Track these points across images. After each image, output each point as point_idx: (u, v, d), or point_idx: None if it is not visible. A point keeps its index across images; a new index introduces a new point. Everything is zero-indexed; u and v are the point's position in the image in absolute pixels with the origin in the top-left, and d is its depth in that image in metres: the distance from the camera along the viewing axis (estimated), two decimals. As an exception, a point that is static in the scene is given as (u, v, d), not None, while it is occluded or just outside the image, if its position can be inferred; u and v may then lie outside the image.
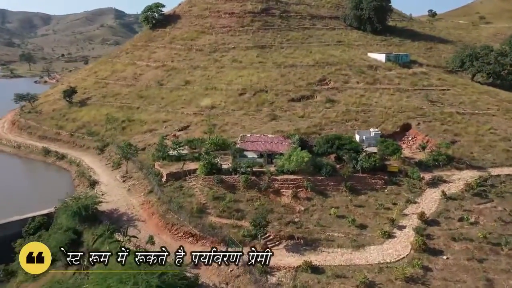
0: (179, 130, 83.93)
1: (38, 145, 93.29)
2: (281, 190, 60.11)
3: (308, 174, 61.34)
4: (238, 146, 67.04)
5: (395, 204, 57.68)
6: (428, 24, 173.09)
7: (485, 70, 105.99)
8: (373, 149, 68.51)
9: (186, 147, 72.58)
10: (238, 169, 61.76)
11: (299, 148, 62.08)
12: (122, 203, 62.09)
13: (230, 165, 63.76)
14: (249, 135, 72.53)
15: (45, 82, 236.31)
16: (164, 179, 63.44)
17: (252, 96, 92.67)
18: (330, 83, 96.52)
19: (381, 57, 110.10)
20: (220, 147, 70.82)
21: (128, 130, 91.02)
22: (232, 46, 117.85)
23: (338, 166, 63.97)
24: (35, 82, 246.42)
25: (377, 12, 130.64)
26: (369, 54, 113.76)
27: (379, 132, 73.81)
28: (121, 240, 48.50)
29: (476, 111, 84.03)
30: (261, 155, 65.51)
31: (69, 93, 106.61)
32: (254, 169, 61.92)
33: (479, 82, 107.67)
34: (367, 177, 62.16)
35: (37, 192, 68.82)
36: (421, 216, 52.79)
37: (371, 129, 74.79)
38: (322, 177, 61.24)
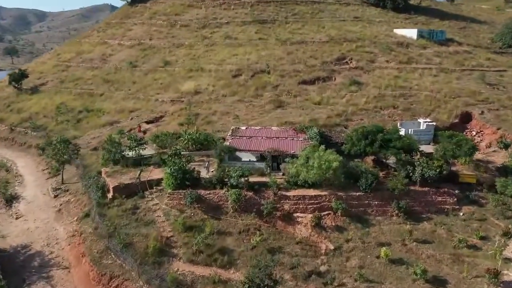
0: (149, 122, 61.13)
1: (-33, 143, 70.35)
2: (295, 215, 37.31)
3: (337, 188, 38.66)
4: (228, 143, 44.31)
5: (483, 238, 34.94)
6: (452, 6, 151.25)
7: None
8: (427, 148, 45.97)
9: (154, 145, 49.92)
10: (226, 180, 39.07)
11: (322, 147, 39.21)
12: (41, 234, 39.31)
13: (213, 172, 41.06)
14: (244, 127, 49.82)
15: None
16: (110, 195, 40.59)
17: (249, 78, 69.98)
18: (351, 62, 73.94)
19: (412, 33, 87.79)
20: (202, 145, 48.24)
21: (85, 123, 68.25)
22: (226, 21, 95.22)
23: (381, 174, 41.26)
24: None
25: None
26: (396, 31, 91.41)
27: (433, 123, 51.12)
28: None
29: (556, 96, 61.41)
30: (262, 158, 42.84)
31: (17, 77, 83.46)
32: (251, 180, 39.20)
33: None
34: (429, 192, 39.46)
35: None
36: (546, 266, 30.04)
37: (421, 119, 52.12)
38: (360, 193, 38.51)
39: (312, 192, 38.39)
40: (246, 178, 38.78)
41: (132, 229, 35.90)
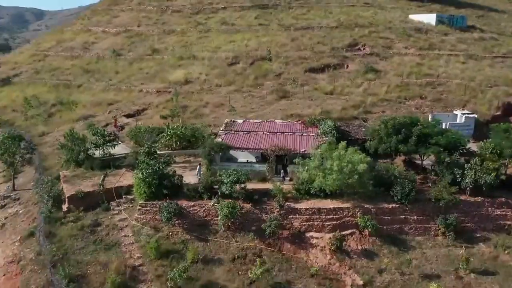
0: (129, 116, 51.78)
1: None
2: (308, 235, 27.91)
3: (363, 199, 29.28)
4: (220, 140, 34.89)
5: None
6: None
7: None
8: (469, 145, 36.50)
9: (132, 143, 40.63)
10: (216, 187, 29.66)
11: (343, 144, 29.77)
12: (-29, 258, 29.78)
13: (201, 177, 31.58)
14: (241, 121, 40.46)
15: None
16: (65, 207, 31.18)
17: (248, 66, 60.74)
18: (364, 48, 64.73)
19: (430, 18, 78.72)
20: (189, 143, 38.92)
21: (57, 117, 58.93)
22: (222, 6, 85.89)
23: (418, 178, 31.85)
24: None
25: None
26: (411, 16, 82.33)
27: (474, 115, 41.82)
28: None
29: None
30: (263, 158, 33.53)
31: (-15, 67, 74.19)
32: (249, 187, 29.79)
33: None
34: (483, 203, 30.03)
35: None
36: None
37: (457, 111, 42.89)
38: (394, 205, 29.08)
39: (330, 203, 28.98)
40: (242, 185, 29.38)
41: (87, 255, 26.50)
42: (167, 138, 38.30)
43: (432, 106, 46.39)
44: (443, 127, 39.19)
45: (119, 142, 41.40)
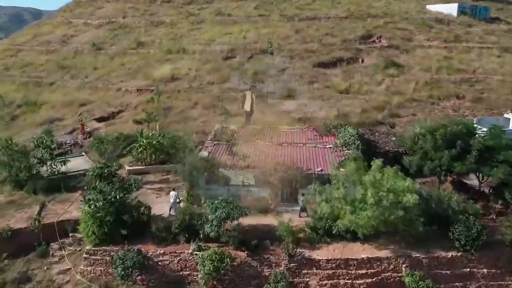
0: (101, 119, 42.90)
1: None
2: (332, 300, 19.03)
3: (408, 243, 20.32)
4: (207, 154, 25.90)
5: None
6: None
7: None
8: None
9: (97, 155, 31.62)
10: (198, 226, 20.67)
11: (378, 163, 20.77)
12: None
13: (174, 207, 22.60)
14: (235, 127, 31.50)
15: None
16: (-14, 251, 22.29)
17: (246, 61, 51.96)
18: (380, 40, 56.09)
19: (451, 9, 70.42)
20: (169, 156, 30.03)
21: (21, 119, 50.20)
22: (218, -5, 77.12)
23: (478, 206, 22.96)
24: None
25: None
26: (429, 7, 73.81)
27: (531, 120, 33.07)
28: None
29: None
30: (265, 180, 24.54)
31: None
32: (244, 222, 20.81)
33: None
34: None
35: None
36: None
37: (510, 115, 33.95)
38: (454, 253, 20.13)
39: (361, 250, 20.06)
40: (235, 222, 20.48)
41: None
42: (139, 150, 29.40)
43: (473, 107, 37.66)
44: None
45: (82, 153, 32.73)
